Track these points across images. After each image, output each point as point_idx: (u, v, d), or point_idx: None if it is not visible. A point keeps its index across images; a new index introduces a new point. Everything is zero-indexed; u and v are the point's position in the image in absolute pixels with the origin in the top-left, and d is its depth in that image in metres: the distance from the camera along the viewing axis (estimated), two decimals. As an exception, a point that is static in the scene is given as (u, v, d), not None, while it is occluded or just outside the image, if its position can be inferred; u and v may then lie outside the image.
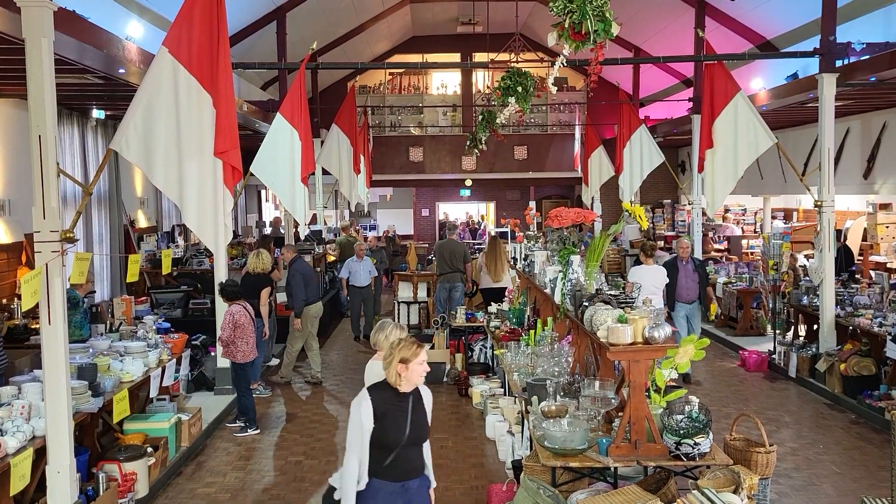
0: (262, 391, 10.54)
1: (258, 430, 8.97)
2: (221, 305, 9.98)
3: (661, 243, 18.72)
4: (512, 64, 10.14)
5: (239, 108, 12.55)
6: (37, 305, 5.56)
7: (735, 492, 4.64)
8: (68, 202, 10.77)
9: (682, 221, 20.32)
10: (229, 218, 6.17)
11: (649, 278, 10.20)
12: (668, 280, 10.79)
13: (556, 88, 6.26)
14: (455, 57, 23.60)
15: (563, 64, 5.99)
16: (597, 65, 5.76)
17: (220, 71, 5.95)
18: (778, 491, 6.89)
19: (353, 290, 14.14)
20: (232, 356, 8.94)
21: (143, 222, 14.45)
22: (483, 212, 30.99)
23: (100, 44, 7.48)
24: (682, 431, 5.05)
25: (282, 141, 8.68)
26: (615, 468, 5.24)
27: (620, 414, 5.35)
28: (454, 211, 30.49)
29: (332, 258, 17.34)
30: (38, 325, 6.53)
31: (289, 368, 11.41)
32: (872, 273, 12.12)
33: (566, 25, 5.28)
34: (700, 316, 11.22)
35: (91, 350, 7.61)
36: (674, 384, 5.77)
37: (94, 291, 11.34)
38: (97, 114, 11.69)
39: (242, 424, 8.98)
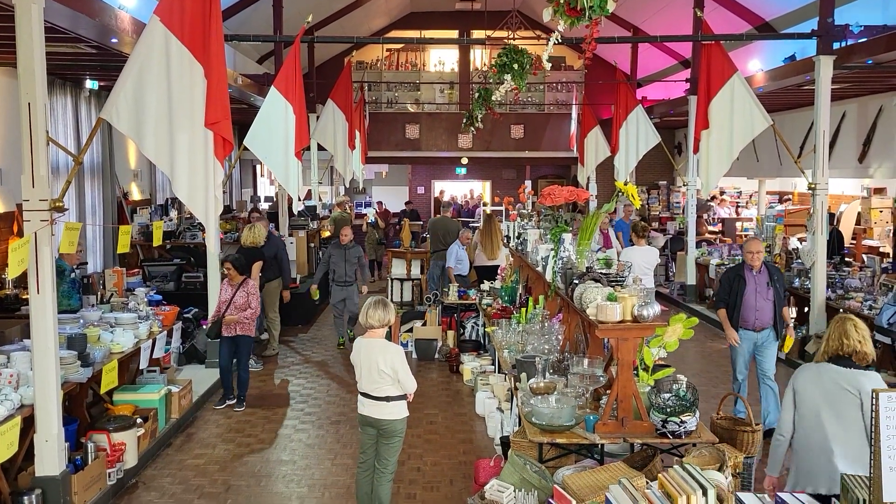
0: (254, 365, 10.56)
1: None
2: (214, 278, 9.99)
3: (655, 224, 18.74)
4: (509, 41, 10.07)
5: (234, 82, 12.47)
6: (26, 274, 5.55)
7: (720, 470, 4.66)
8: (61, 173, 10.72)
9: (677, 203, 20.33)
10: (220, 190, 6.14)
11: (640, 258, 10.25)
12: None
13: (550, 65, 6.23)
14: (453, 34, 23.44)
15: (557, 40, 5.96)
16: (592, 42, 5.72)
17: (211, 41, 5.90)
18: (763, 470, 6.92)
19: (458, 281, 12.57)
20: (250, 330, 8.89)
21: (136, 195, 14.40)
22: (478, 190, 30.93)
23: (92, 12, 7.40)
24: (668, 409, 5.07)
25: (276, 114, 8.61)
26: (602, 445, 5.27)
27: (608, 391, 5.37)
28: (450, 189, 30.45)
29: (327, 234, 17.34)
30: (28, 296, 6.52)
31: (276, 341, 11.50)
32: (865, 257, 12.15)
33: (561, 1, 5.24)
34: (774, 350, 7.92)
35: (81, 321, 7.61)
36: (662, 363, 5.79)
37: (86, 263, 11.31)
38: (90, 84, 11.61)
39: (240, 398, 8.94)
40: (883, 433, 2.62)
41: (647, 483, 3.93)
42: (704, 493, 3.18)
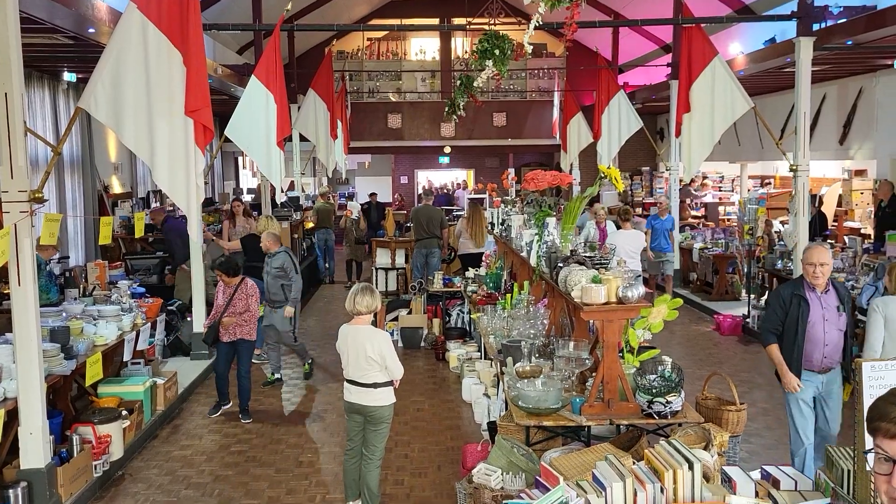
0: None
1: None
2: (197, 270, 9.95)
3: (638, 210, 18.80)
4: (490, 27, 10.04)
5: (214, 72, 12.38)
6: (6, 268, 5.50)
7: (706, 448, 4.69)
8: (40, 166, 10.61)
9: (660, 189, 20.39)
10: (201, 178, 6.10)
11: (626, 242, 10.31)
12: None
13: (531, 48, 6.22)
14: (434, 22, 23.37)
15: (538, 23, 5.94)
16: (573, 24, 5.72)
17: (190, 27, 5.84)
18: (749, 450, 6.99)
19: None
20: (250, 334, 8.23)
21: (117, 188, 14.29)
22: (460, 179, 30.91)
23: (68, 2, 7.34)
24: (654, 390, 5.09)
25: (257, 104, 8.56)
26: (588, 427, 5.28)
27: (594, 374, 5.39)
28: (434, 178, 30.44)
29: (311, 225, 17.28)
30: (9, 290, 6.44)
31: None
32: (846, 238, 12.24)
33: (542, -17, 5.23)
34: (840, 399, 5.91)
35: (64, 314, 7.54)
36: (647, 345, 5.81)
37: (68, 257, 11.23)
38: (68, 76, 11.51)
39: (243, 409, 8.28)
40: (866, 403, 2.64)
41: (634, 462, 3.95)
42: (691, 468, 3.20)
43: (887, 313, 5.70)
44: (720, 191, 19.70)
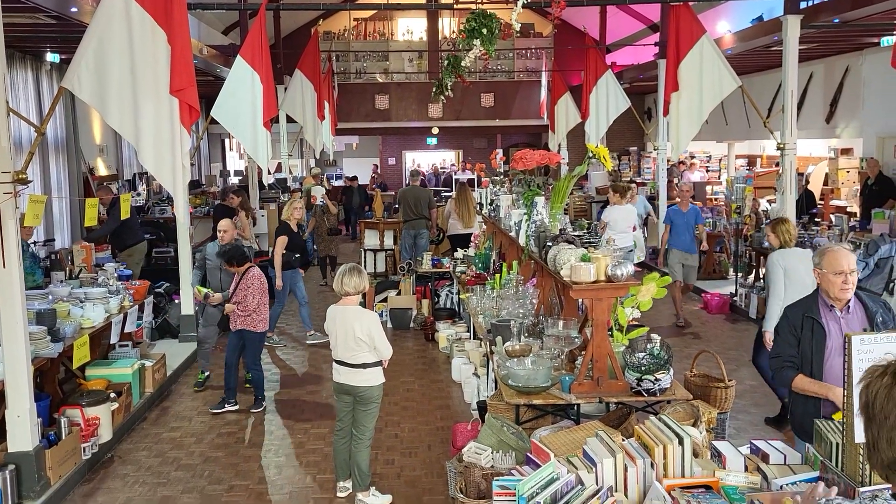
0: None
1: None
2: (185, 252, 9.92)
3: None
4: (477, 6, 9.98)
5: (199, 52, 12.26)
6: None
7: (694, 425, 4.71)
8: (24, 148, 10.51)
9: (647, 168, 20.41)
10: (187, 158, 6.05)
11: (620, 218, 10.32)
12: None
13: (519, 25, 6.18)
14: (421, 1, 23.23)
15: (526, 1, 5.90)
16: (560, 2, 5.68)
17: (174, 6, 5.76)
18: (737, 426, 7.04)
19: None
20: (253, 325, 7.81)
21: (102, 170, 14.17)
22: (449, 160, 30.84)
23: (50, -20, 7.24)
24: (643, 368, 5.10)
25: (243, 84, 8.47)
26: (578, 405, 5.30)
27: (583, 352, 5.40)
28: (420, 159, 30.37)
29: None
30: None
31: None
32: (833, 216, 12.30)
33: (529, -40, 5.19)
34: None
35: (50, 296, 7.50)
36: (636, 323, 5.83)
37: (53, 239, 11.16)
38: (51, 57, 11.38)
39: (257, 398, 8.05)
40: (855, 376, 2.65)
41: (624, 439, 3.96)
42: (681, 443, 3.22)
43: (786, 264, 6.53)
44: (707, 171, 19.73)
